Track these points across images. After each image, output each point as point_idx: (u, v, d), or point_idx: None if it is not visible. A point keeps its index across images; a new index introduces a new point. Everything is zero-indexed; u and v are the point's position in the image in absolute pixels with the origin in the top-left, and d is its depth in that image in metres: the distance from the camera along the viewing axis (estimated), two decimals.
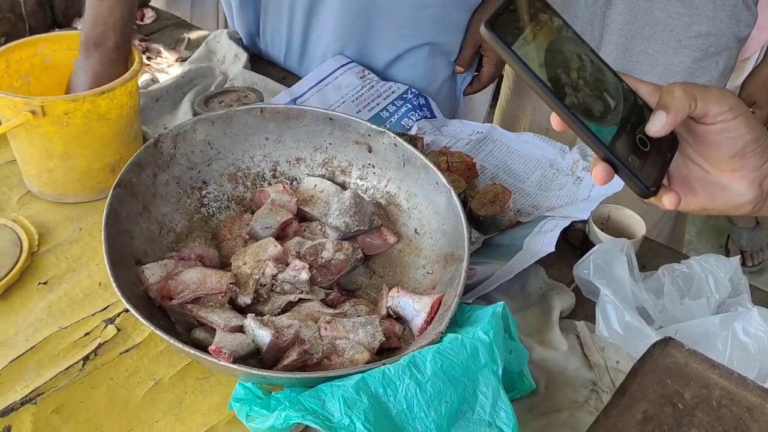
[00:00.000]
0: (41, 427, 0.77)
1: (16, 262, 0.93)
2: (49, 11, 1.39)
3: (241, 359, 0.77)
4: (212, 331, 0.80)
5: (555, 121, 0.59)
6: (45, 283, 0.93)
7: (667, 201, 0.61)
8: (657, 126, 0.59)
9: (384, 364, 0.73)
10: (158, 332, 0.74)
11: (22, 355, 0.84)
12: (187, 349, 0.73)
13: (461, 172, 1.09)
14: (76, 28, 1.41)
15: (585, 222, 1.01)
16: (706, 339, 0.81)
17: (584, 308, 0.95)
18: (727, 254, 2.25)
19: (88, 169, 1.00)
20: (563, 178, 1.13)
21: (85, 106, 0.93)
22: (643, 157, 0.59)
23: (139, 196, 0.90)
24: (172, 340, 0.73)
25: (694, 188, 0.64)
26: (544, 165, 1.16)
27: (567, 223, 0.97)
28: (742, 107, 0.60)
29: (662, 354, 0.69)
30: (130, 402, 0.81)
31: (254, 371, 0.72)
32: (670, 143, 0.62)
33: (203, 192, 0.98)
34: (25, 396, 0.79)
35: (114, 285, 0.76)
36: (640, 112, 0.61)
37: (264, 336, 0.77)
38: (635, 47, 1.39)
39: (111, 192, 0.85)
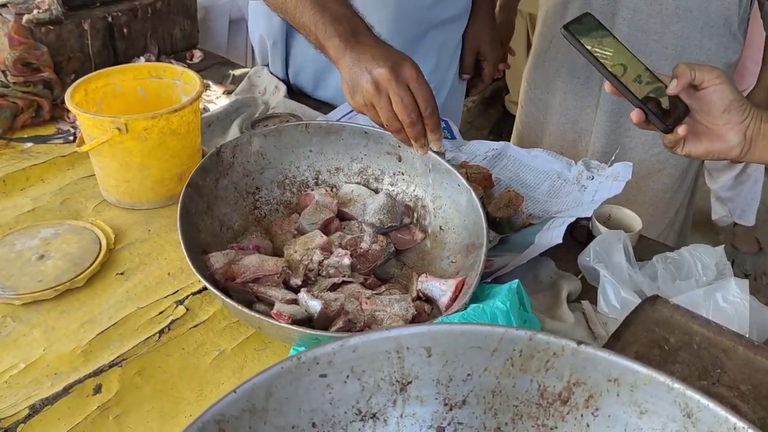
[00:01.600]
0: (127, 386, 0.91)
1: (97, 257, 1.08)
2: (111, 51, 1.58)
3: (295, 324, 0.91)
4: (270, 305, 0.94)
5: (608, 86, 0.93)
6: (122, 274, 1.08)
7: (680, 129, 0.91)
8: (672, 87, 0.91)
9: None
10: (229, 301, 0.88)
11: (106, 329, 0.98)
12: (253, 313, 0.87)
13: (479, 181, 1.24)
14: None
15: (589, 220, 1.15)
16: (693, 308, 0.94)
17: (589, 293, 1.08)
18: None
19: (161, 178, 1.16)
20: (569, 187, 1.27)
21: (160, 122, 1.09)
22: (664, 111, 0.92)
23: (204, 197, 1.06)
24: (240, 307, 0.88)
25: (701, 138, 0.93)
26: (552, 176, 1.31)
27: (573, 219, 1.11)
28: (726, 76, 0.90)
29: (651, 309, 0.82)
30: (200, 367, 0.95)
31: (309, 331, 0.86)
32: (683, 109, 0.93)
33: (256, 196, 1.14)
34: (112, 360, 0.94)
35: (190, 265, 0.92)
36: (660, 87, 0.93)
37: (315, 305, 0.92)
38: None
39: (183, 191, 1.01)
